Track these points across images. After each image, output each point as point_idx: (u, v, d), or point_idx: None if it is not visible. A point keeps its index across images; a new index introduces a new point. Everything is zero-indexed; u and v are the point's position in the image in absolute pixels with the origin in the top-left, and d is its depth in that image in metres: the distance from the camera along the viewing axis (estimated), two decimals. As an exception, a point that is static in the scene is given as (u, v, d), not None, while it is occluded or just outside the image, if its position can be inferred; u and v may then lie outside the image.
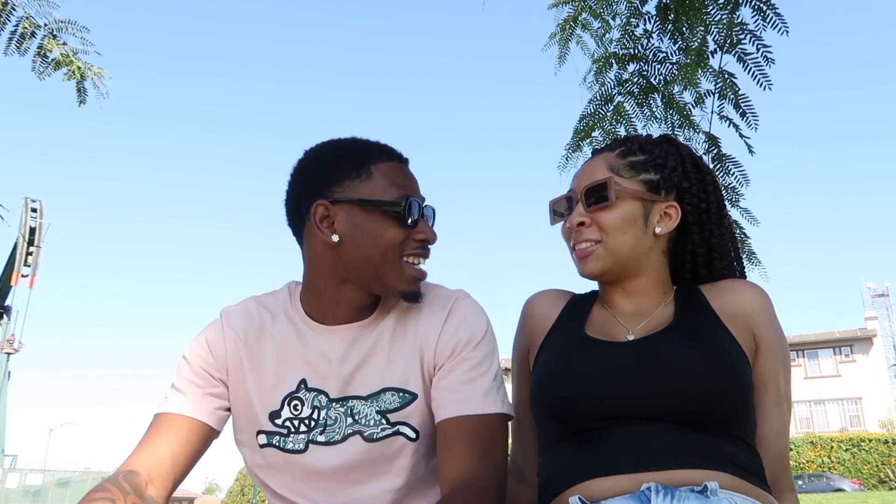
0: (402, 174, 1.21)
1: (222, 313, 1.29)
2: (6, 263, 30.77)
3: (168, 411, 1.20)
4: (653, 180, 1.25)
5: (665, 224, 1.25)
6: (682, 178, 1.27)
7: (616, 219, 1.22)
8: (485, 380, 1.16)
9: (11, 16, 3.50)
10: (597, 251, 1.22)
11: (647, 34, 3.03)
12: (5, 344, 30.50)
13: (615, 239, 1.22)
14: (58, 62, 3.48)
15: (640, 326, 1.22)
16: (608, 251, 1.22)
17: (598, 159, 1.29)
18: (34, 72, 3.44)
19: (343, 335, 1.21)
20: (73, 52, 3.51)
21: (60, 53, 3.47)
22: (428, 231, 1.19)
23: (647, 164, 1.26)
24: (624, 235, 1.22)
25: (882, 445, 24.54)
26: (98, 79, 3.53)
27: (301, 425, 1.20)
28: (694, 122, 2.85)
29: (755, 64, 2.52)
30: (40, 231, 31.07)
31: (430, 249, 1.21)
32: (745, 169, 2.80)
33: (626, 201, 1.23)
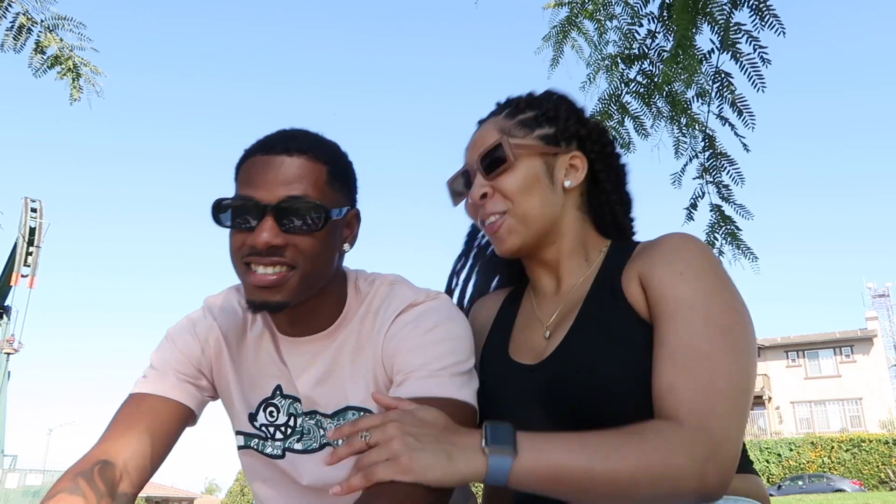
0: (253, 170, 1.04)
1: (207, 305, 1.23)
2: (6, 263, 30.77)
3: (147, 391, 1.12)
4: (549, 134, 1.15)
5: (573, 176, 1.15)
6: (579, 126, 1.17)
7: (518, 181, 1.11)
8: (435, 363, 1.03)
9: (8, 11, 3.48)
10: (507, 223, 1.12)
11: (651, 34, 3.06)
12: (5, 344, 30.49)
13: (522, 204, 1.11)
14: (54, 59, 3.46)
15: (556, 318, 1.12)
16: (519, 220, 1.11)
17: (486, 125, 1.18)
18: (30, 68, 3.43)
19: (305, 348, 1.14)
20: (69, 48, 3.50)
21: (58, 49, 3.45)
22: (254, 236, 1.00)
23: (539, 119, 1.16)
24: (530, 198, 1.11)
25: (882, 446, 24.54)
26: (93, 77, 3.52)
27: (277, 432, 1.17)
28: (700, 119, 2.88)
29: (751, 64, 2.56)
30: (40, 231, 31.07)
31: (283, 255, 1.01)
32: (740, 167, 2.88)
33: (525, 160, 1.12)
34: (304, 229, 1.02)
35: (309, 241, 1.02)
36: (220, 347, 1.19)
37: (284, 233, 1.01)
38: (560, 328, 1.10)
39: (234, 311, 1.20)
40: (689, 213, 2.99)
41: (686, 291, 0.96)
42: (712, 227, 2.96)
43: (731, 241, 2.90)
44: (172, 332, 1.20)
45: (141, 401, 1.12)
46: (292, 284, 1.03)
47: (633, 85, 3.05)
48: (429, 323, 1.08)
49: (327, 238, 1.05)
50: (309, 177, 1.03)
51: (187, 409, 1.14)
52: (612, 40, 3.11)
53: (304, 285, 1.04)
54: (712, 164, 2.92)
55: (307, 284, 1.05)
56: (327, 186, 1.06)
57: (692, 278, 0.98)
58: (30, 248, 30.34)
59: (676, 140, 3.04)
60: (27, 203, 30.72)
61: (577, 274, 1.15)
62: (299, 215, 1.01)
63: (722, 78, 2.70)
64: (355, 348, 1.13)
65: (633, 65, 3.04)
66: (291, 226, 1.01)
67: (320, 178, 1.05)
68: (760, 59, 2.53)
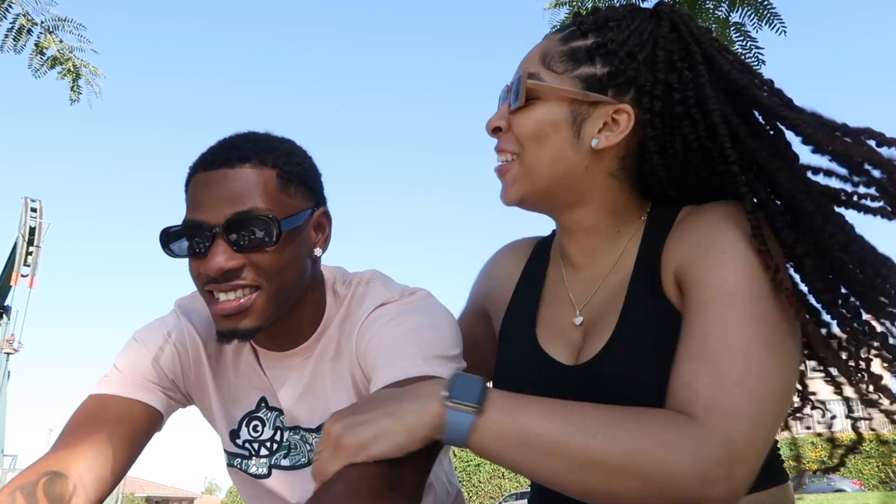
0: (196, 190, 0.96)
1: (180, 309, 1.13)
2: (6, 263, 30.76)
3: (110, 392, 1.02)
4: (596, 75, 0.91)
5: (607, 135, 0.91)
6: (641, 71, 0.91)
7: (531, 125, 0.93)
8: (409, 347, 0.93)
9: (8, 12, 3.49)
10: (513, 170, 0.95)
11: None
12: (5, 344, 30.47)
13: (530, 152, 0.93)
14: (54, 59, 3.47)
15: (589, 303, 0.97)
16: (525, 170, 0.94)
17: (544, 41, 0.98)
18: (30, 69, 3.43)
19: (286, 362, 1.08)
20: (69, 49, 3.50)
21: (57, 50, 3.46)
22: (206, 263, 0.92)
23: (594, 51, 0.92)
24: (541, 148, 0.92)
25: (883, 446, 24.47)
26: (93, 78, 3.52)
27: (262, 448, 1.10)
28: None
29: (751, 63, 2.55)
30: (40, 231, 31.06)
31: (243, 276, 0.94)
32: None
33: (548, 102, 0.92)
34: (258, 246, 0.93)
35: (268, 258, 0.94)
36: (199, 355, 1.10)
37: (239, 253, 0.93)
38: (598, 323, 0.94)
39: (209, 316, 1.05)
40: None
41: (727, 275, 0.80)
42: None
43: None
44: (142, 335, 1.10)
45: (102, 403, 1.01)
46: (259, 307, 0.95)
47: None
48: (402, 316, 0.99)
49: (289, 249, 0.97)
50: (255, 187, 0.94)
51: (155, 411, 1.04)
52: None
53: (274, 305, 0.97)
54: None
55: (277, 303, 0.97)
56: (279, 192, 0.97)
57: (733, 262, 0.80)
58: (30, 247, 30.31)
59: None
60: (27, 203, 30.70)
61: (611, 249, 0.97)
62: (251, 231, 0.93)
63: None
64: (334, 356, 1.06)
65: None
66: (244, 244, 0.92)
67: (269, 186, 0.96)
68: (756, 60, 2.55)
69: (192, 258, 0.96)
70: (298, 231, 0.99)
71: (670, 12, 0.94)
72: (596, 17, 0.95)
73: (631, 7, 0.97)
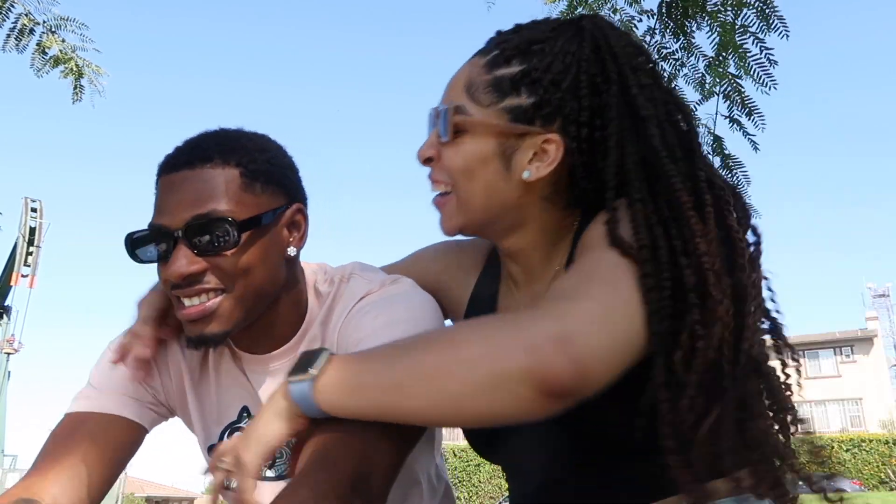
0: (159, 194, 0.94)
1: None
2: (6, 263, 30.74)
3: (87, 410, 0.99)
4: (522, 106, 0.89)
5: (537, 166, 0.90)
6: (568, 98, 0.89)
7: (460, 160, 0.91)
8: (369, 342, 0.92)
9: (10, 12, 3.49)
10: (449, 203, 0.94)
11: (651, 31, 3.08)
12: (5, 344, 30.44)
13: (462, 186, 0.92)
14: (56, 59, 3.47)
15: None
16: (459, 203, 0.94)
17: (468, 65, 0.95)
18: (32, 69, 3.43)
19: (270, 364, 1.05)
20: (71, 48, 3.50)
21: (59, 50, 3.46)
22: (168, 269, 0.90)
23: (519, 80, 0.90)
24: (472, 182, 0.91)
25: (883, 446, 24.53)
26: (95, 77, 3.52)
27: None
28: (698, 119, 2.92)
29: (759, 65, 2.56)
30: (40, 231, 31.01)
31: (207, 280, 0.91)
32: (747, 170, 2.91)
33: (474, 137, 0.91)
34: (218, 249, 0.90)
35: (230, 261, 0.91)
36: (180, 370, 1.07)
37: (200, 257, 0.90)
38: None
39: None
40: None
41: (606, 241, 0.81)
42: None
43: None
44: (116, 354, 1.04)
45: (78, 421, 0.98)
46: (226, 311, 0.92)
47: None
48: (381, 308, 0.97)
49: (253, 250, 0.93)
50: (217, 188, 0.91)
51: (136, 425, 1.01)
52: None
53: (242, 308, 0.94)
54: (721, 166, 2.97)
55: (246, 306, 0.94)
56: (242, 192, 0.93)
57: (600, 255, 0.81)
58: (30, 248, 30.29)
59: None
60: (27, 203, 30.67)
61: (547, 267, 0.98)
62: (211, 234, 0.90)
63: (730, 79, 2.71)
64: None
65: None
66: (205, 248, 0.90)
67: (231, 186, 0.92)
68: (767, 61, 2.53)
69: (159, 263, 0.94)
70: (265, 231, 0.95)
71: (592, 28, 0.92)
72: (519, 41, 0.93)
73: (554, 24, 0.94)
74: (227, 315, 0.92)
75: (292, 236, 1.00)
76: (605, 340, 0.70)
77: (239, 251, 0.91)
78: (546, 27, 0.94)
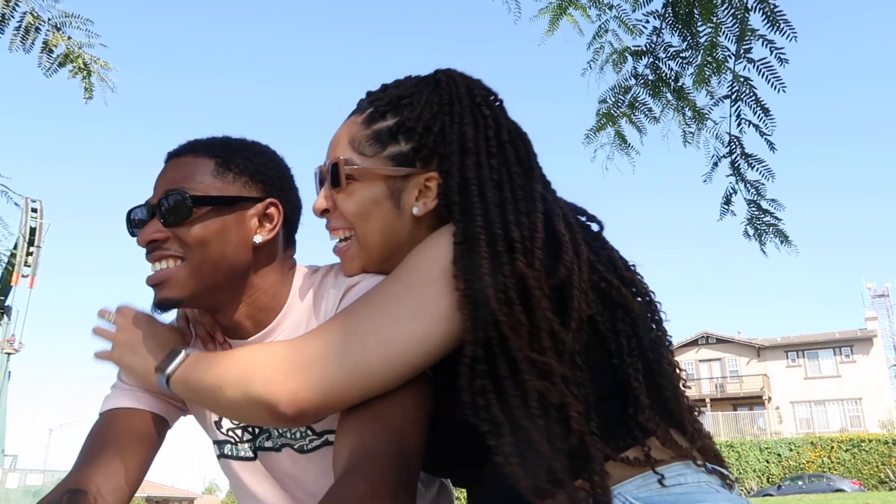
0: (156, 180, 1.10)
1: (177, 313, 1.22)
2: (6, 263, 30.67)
3: (116, 407, 1.12)
4: (402, 152, 1.03)
5: (424, 202, 1.03)
6: (439, 142, 1.03)
7: (355, 205, 1.04)
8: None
9: (16, 11, 3.49)
10: (351, 248, 1.07)
11: (657, 31, 3.11)
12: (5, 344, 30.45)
13: (361, 228, 1.05)
14: (64, 57, 3.45)
15: None
16: (360, 245, 1.06)
17: (346, 125, 1.09)
18: (40, 68, 3.41)
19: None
20: (78, 45, 3.49)
21: (66, 47, 3.44)
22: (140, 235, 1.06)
23: (396, 131, 1.04)
24: (369, 223, 1.04)
25: (882, 446, 24.51)
26: (104, 73, 3.51)
27: (244, 433, 1.16)
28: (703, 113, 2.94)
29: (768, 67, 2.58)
30: (40, 231, 31.02)
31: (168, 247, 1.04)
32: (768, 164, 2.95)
33: (365, 183, 1.04)
34: (178, 219, 1.03)
35: (188, 231, 1.03)
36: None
37: (165, 226, 1.04)
38: None
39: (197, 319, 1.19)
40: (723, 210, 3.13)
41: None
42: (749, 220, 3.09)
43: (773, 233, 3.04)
44: None
45: (111, 419, 1.11)
46: (182, 278, 1.03)
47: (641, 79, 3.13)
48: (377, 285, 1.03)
49: (211, 225, 1.04)
50: (190, 172, 1.05)
51: (160, 418, 1.14)
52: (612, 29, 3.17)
53: (196, 278, 1.04)
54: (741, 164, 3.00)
55: (201, 277, 1.04)
56: (213, 178, 1.05)
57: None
58: (30, 248, 30.27)
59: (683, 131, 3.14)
60: (27, 203, 30.64)
61: None
62: (175, 207, 1.03)
63: (742, 82, 2.73)
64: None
65: (641, 59, 3.12)
66: (170, 219, 1.03)
67: (203, 171, 1.05)
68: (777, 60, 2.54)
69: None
70: (226, 211, 1.05)
71: (446, 79, 1.08)
72: (389, 97, 1.07)
73: (415, 81, 1.10)
74: (182, 283, 1.04)
75: (262, 226, 1.09)
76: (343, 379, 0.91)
77: (196, 223, 1.04)
78: (409, 84, 1.09)
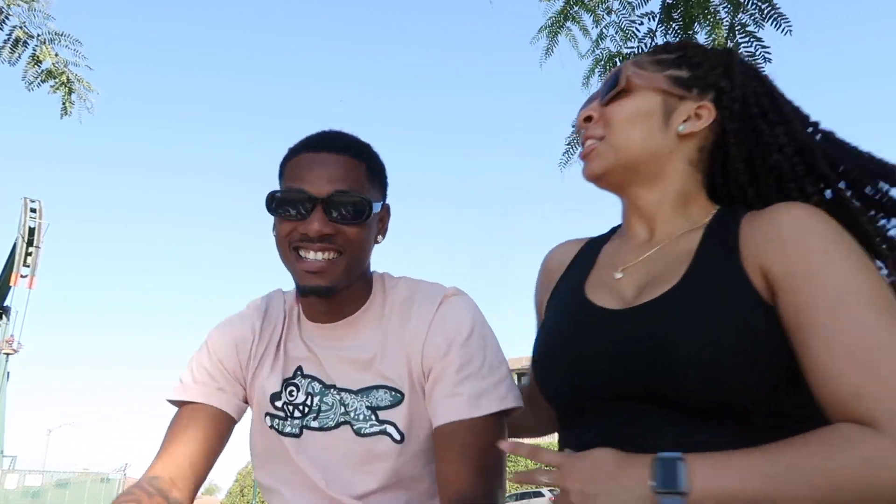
0: (301, 165, 1.15)
1: (249, 305, 1.33)
2: (5, 264, 30.73)
3: (188, 399, 1.22)
4: (682, 76, 1.07)
5: (692, 124, 1.05)
6: (720, 77, 1.07)
7: (626, 109, 1.05)
8: (475, 380, 1.12)
9: (5, 24, 3.51)
10: (598, 148, 1.06)
11: (651, 33, 3.07)
12: (4, 345, 30.47)
13: (621, 132, 1.05)
14: (48, 73, 3.48)
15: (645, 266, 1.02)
16: (611, 147, 1.05)
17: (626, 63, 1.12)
18: (24, 81, 3.44)
19: (333, 333, 1.23)
20: (64, 63, 3.52)
21: (52, 64, 3.47)
22: (306, 225, 1.11)
23: (679, 60, 1.09)
24: (633, 129, 1.04)
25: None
26: (85, 93, 3.53)
27: (296, 411, 1.22)
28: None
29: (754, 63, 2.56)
30: (40, 231, 31.02)
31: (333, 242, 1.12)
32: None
33: (643, 92, 1.06)
34: (350, 220, 1.13)
35: (355, 230, 1.14)
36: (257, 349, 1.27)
37: (333, 222, 1.12)
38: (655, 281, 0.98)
39: (269, 312, 1.30)
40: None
41: (841, 275, 0.83)
42: None
43: None
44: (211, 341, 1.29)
45: (183, 413, 1.22)
46: (339, 269, 1.14)
47: None
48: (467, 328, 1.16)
49: (369, 227, 1.17)
50: (352, 173, 1.14)
51: (226, 414, 1.23)
52: (610, 35, 3.12)
53: (348, 270, 1.15)
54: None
55: (351, 270, 1.16)
56: (366, 182, 1.17)
57: (842, 259, 0.84)
58: (29, 248, 30.26)
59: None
60: (27, 203, 30.64)
61: (677, 226, 1.04)
62: (346, 207, 1.12)
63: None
64: (384, 330, 1.21)
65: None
66: (339, 216, 1.12)
67: (361, 175, 1.16)
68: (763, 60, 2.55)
69: (288, 220, 1.13)
70: (376, 216, 1.20)
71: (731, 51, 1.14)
72: (675, 44, 1.14)
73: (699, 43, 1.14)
74: (338, 274, 1.14)
75: (381, 228, 1.25)
76: None
77: (363, 226, 1.15)
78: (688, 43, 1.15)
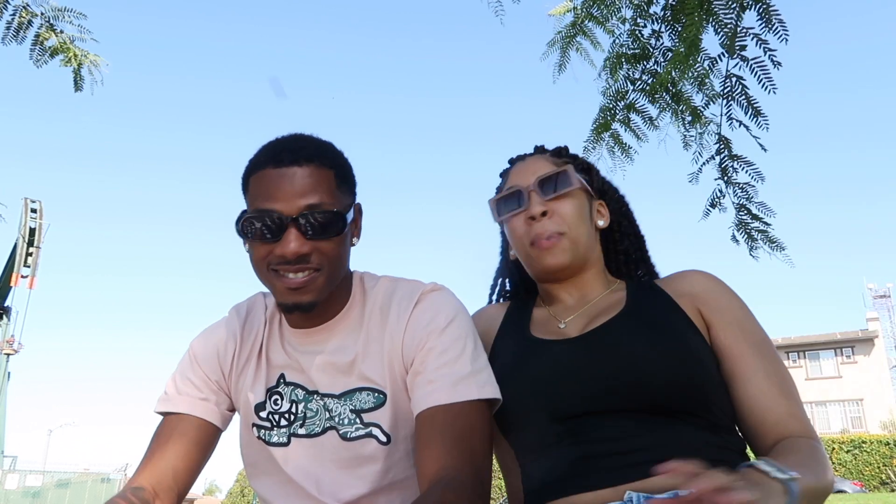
0: (268, 182, 1.09)
1: (231, 311, 1.30)
2: (6, 264, 30.75)
3: (171, 411, 1.20)
4: (588, 180, 1.33)
5: (602, 219, 1.34)
6: (603, 182, 1.38)
7: (574, 209, 1.27)
8: (456, 366, 1.10)
9: (8, 4, 3.47)
10: (562, 243, 1.24)
11: (656, 34, 3.08)
12: (5, 345, 30.49)
13: (575, 229, 1.25)
14: (55, 49, 3.45)
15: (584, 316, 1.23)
16: (572, 242, 1.25)
17: (536, 158, 1.34)
18: (31, 59, 3.42)
19: (314, 338, 1.20)
20: (69, 39, 3.49)
21: (58, 41, 3.44)
22: (282, 247, 1.07)
23: (579, 167, 1.34)
24: (581, 226, 1.27)
25: (883, 447, 24.51)
26: (94, 66, 3.51)
27: (282, 419, 1.20)
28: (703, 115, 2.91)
29: (760, 67, 2.56)
30: (40, 232, 31.06)
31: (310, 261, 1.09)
32: (758, 167, 2.90)
33: (578, 193, 1.29)
34: (325, 236, 1.09)
35: (331, 245, 1.10)
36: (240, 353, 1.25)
37: (308, 240, 1.07)
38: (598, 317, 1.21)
39: (251, 317, 1.28)
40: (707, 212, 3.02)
41: (757, 327, 1.16)
42: (737, 225, 2.98)
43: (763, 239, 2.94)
44: (194, 349, 1.27)
45: (167, 422, 1.21)
46: (319, 284, 1.10)
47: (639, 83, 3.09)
48: (444, 318, 1.15)
49: (344, 238, 1.13)
50: (321, 185, 1.09)
51: (211, 424, 1.22)
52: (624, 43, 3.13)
53: (328, 284, 1.13)
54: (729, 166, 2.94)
55: (332, 282, 1.14)
56: (337, 190, 1.12)
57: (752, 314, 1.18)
58: (30, 248, 30.31)
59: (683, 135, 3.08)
60: (27, 203, 30.70)
61: (602, 290, 1.28)
62: (320, 224, 1.08)
63: (734, 81, 2.69)
64: (364, 333, 1.18)
65: (637, 64, 3.07)
66: (313, 234, 1.08)
67: (331, 184, 1.11)
68: (770, 62, 2.53)
69: (264, 242, 1.09)
70: (349, 223, 1.14)
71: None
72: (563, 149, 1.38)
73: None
74: (319, 289, 1.11)
75: (356, 230, 1.21)
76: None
77: (338, 240, 1.11)
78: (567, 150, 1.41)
